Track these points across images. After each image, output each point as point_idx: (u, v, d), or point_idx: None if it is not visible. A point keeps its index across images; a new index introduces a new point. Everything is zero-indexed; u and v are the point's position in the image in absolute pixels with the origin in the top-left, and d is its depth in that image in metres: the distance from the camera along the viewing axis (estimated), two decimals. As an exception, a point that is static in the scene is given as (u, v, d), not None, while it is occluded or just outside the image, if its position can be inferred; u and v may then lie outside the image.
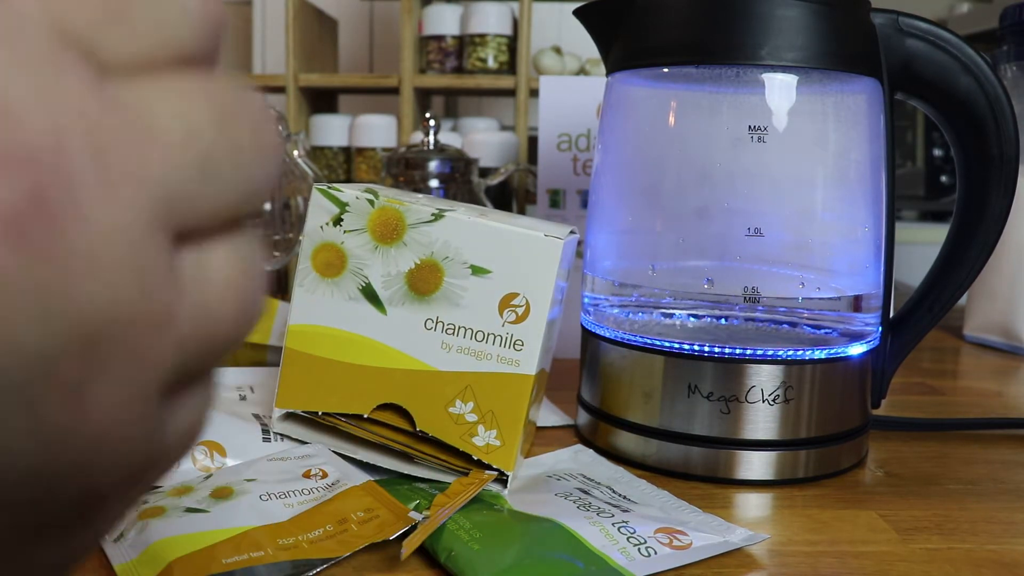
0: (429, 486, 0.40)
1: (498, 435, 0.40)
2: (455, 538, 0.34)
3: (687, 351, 0.43)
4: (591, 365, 0.48)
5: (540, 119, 0.68)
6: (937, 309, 0.48)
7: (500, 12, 1.40)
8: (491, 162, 1.14)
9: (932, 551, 0.37)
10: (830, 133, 0.44)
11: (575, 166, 0.68)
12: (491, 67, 1.41)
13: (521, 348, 0.40)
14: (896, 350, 0.49)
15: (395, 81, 1.43)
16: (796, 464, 0.43)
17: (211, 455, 0.39)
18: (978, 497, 0.43)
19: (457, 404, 0.40)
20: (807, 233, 0.45)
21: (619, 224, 0.48)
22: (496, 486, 0.40)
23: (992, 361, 0.73)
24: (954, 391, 0.63)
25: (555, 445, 0.47)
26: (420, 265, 0.40)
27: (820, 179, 0.45)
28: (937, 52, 0.44)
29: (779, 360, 0.42)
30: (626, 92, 0.48)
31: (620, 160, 0.48)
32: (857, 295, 0.46)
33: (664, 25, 0.44)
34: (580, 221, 0.67)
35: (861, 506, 0.41)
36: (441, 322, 0.40)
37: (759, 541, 0.36)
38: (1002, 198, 0.46)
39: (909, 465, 0.47)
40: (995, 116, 0.45)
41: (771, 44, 0.41)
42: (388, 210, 0.40)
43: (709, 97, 0.44)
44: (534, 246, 0.39)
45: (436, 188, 0.80)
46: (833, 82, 0.44)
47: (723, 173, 0.44)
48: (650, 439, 0.44)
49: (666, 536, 0.35)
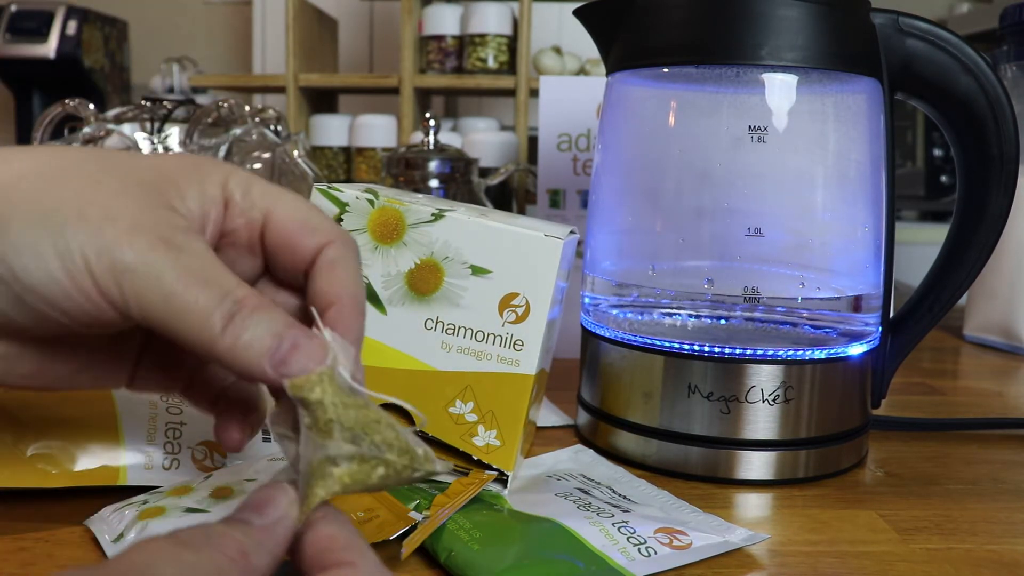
0: (429, 486, 0.40)
1: (498, 435, 0.40)
2: (455, 538, 0.34)
3: (687, 351, 0.43)
4: (591, 365, 0.48)
5: (540, 119, 0.68)
6: (937, 309, 0.48)
7: (500, 12, 1.40)
8: (491, 162, 1.14)
9: (932, 551, 0.37)
10: (830, 133, 0.44)
11: (575, 166, 0.68)
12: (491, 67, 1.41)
13: (521, 348, 0.40)
14: (896, 350, 0.49)
15: (395, 81, 1.43)
16: (796, 464, 0.43)
17: (211, 455, 0.39)
18: (978, 497, 0.43)
19: (457, 404, 0.40)
20: (807, 233, 0.45)
21: (619, 224, 0.49)
22: (496, 486, 0.40)
23: (992, 361, 0.73)
24: (954, 391, 0.63)
25: (555, 445, 0.47)
26: (420, 265, 0.40)
27: (820, 179, 0.45)
28: (937, 52, 0.44)
29: (779, 360, 0.42)
30: (626, 92, 0.48)
31: (620, 160, 0.48)
32: (857, 295, 0.46)
33: (664, 25, 0.44)
34: (580, 221, 0.67)
35: (861, 506, 0.41)
36: (441, 322, 0.40)
37: (759, 541, 0.36)
38: (1002, 198, 0.46)
39: (909, 465, 0.47)
40: (995, 116, 0.45)
41: (771, 44, 0.41)
42: (388, 210, 0.40)
43: (709, 97, 0.44)
44: (534, 246, 0.39)
45: (436, 188, 0.80)
46: (833, 82, 0.44)
47: (723, 173, 0.44)
48: (650, 439, 0.44)
49: (666, 536, 0.35)
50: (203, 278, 0.25)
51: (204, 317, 0.25)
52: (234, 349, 0.25)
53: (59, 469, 0.36)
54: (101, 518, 0.35)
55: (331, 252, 0.28)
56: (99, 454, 0.37)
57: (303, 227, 0.29)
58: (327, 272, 0.28)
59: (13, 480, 0.36)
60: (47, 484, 0.36)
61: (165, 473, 0.38)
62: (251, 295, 0.26)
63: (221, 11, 2.51)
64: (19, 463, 0.36)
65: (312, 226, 0.29)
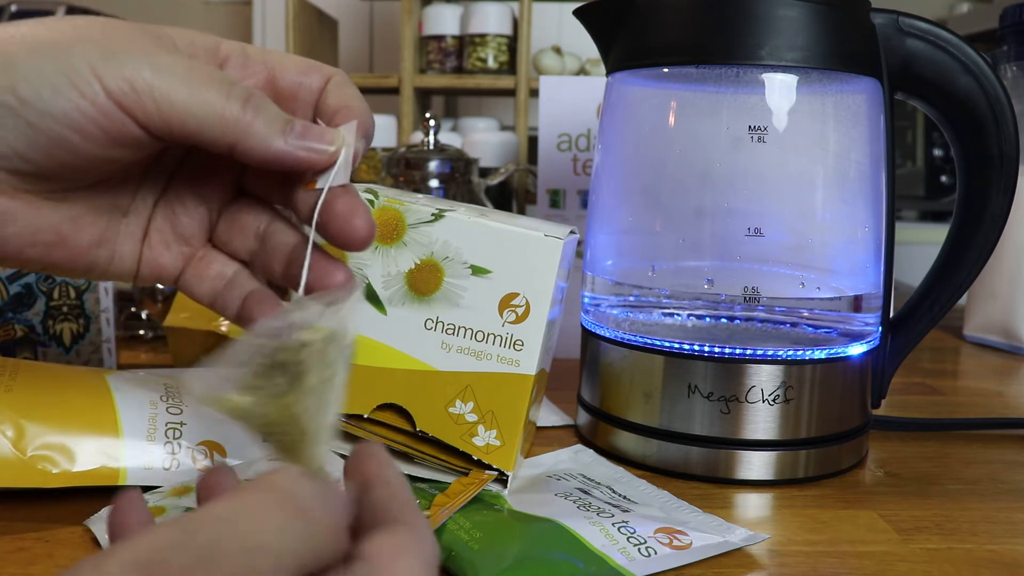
0: (429, 486, 0.40)
1: (498, 435, 0.40)
2: (455, 538, 0.34)
3: (687, 351, 0.43)
4: (591, 365, 0.48)
5: (540, 119, 0.68)
6: (937, 309, 0.48)
7: (500, 12, 1.40)
8: (491, 162, 1.14)
9: (932, 551, 0.37)
10: (830, 133, 0.44)
11: (575, 166, 0.68)
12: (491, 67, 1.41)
13: (521, 348, 0.40)
14: (896, 350, 0.49)
15: (395, 81, 1.43)
16: (796, 464, 0.43)
17: (211, 455, 0.39)
18: (978, 497, 0.43)
19: (457, 404, 0.40)
20: (807, 233, 0.45)
21: (619, 224, 0.49)
22: (496, 486, 0.40)
23: (992, 361, 0.73)
24: (954, 391, 0.63)
25: (555, 445, 0.47)
26: (420, 265, 0.40)
27: (820, 179, 0.45)
28: (937, 52, 0.44)
29: (779, 360, 0.42)
30: (626, 92, 0.48)
31: (620, 160, 0.48)
32: (857, 295, 0.46)
33: (664, 25, 0.44)
34: (580, 221, 0.67)
35: (861, 506, 0.41)
36: (441, 322, 0.40)
37: (759, 541, 0.36)
38: (1002, 198, 0.46)
39: (909, 465, 0.47)
40: (995, 116, 0.45)
41: (771, 44, 0.41)
42: (388, 210, 0.40)
43: (709, 97, 0.44)
44: (534, 246, 0.39)
45: (436, 188, 0.80)
46: (833, 82, 0.44)
47: (723, 173, 0.44)
48: (650, 439, 0.44)
49: (666, 536, 0.35)
50: (211, 73, 0.27)
51: (224, 98, 0.27)
52: (253, 125, 0.27)
53: (59, 469, 0.36)
54: (101, 518, 0.35)
55: (337, 79, 0.31)
56: (99, 454, 0.37)
57: (309, 67, 0.31)
58: (336, 91, 0.30)
59: (13, 480, 0.36)
60: (47, 484, 0.36)
61: (165, 473, 0.38)
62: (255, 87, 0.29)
63: (221, 11, 2.51)
64: (19, 463, 0.36)
65: (315, 66, 0.31)
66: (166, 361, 0.61)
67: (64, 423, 0.37)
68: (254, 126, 0.27)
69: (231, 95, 0.27)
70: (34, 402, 0.38)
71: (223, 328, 0.54)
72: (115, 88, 0.26)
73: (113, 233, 0.31)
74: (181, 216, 0.32)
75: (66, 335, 0.53)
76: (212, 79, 0.27)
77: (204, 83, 0.27)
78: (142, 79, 0.26)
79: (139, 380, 0.42)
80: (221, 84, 0.27)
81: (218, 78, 0.27)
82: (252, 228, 0.32)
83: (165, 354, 0.63)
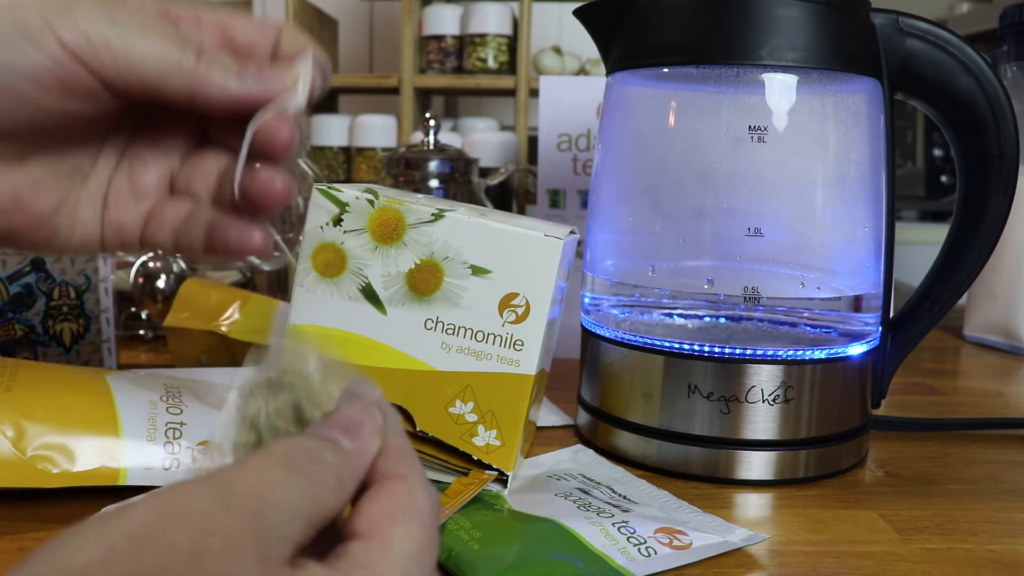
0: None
1: (498, 435, 0.40)
2: (455, 538, 0.34)
3: (687, 351, 0.43)
4: (591, 365, 0.48)
5: (540, 119, 0.68)
6: (937, 309, 0.48)
7: (500, 12, 1.40)
8: (491, 162, 1.14)
9: (932, 551, 0.37)
10: (830, 133, 0.44)
11: (575, 166, 0.68)
12: (491, 67, 1.41)
13: (521, 348, 0.40)
14: (896, 350, 0.49)
15: (395, 81, 1.43)
16: (796, 464, 0.43)
17: (211, 455, 0.39)
18: (978, 497, 0.43)
19: (457, 404, 0.40)
20: (807, 233, 0.45)
21: (619, 224, 0.49)
22: (496, 486, 0.40)
23: (992, 361, 0.73)
24: (954, 391, 0.63)
25: (555, 445, 0.47)
26: (420, 265, 0.40)
27: (820, 179, 0.45)
28: (937, 52, 0.44)
29: (779, 360, 0.42)
30: (626, 92, 0.48)
31: (620, 160, 0.48)
32: (857, 295, 0.46)
33: (664, 25, 0.44)
34: (580, 221, 0.67)
35: (861, 506, 0.41)
36: (441, 322, 0.40)
37: (759, 541, 0.36)
38: (1002, 198, 0.46)
39: (909, 465, 0.47)
40: (995, 116, 0.45)
41: (771, 44, 0.41)
42: (388, 210, 0.40)
43: (709, 97, 0.44)
44: (534, 246, 0.39)
45: (436, 188, 0.80)
46: (833, 82, 0.44)
47: (723, 173, 0.44)
48: (650, 439, 0.44)
49: (666, 536, 0.35)
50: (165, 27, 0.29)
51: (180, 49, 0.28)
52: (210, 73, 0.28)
53: (59, 469, 0.36)
54: (101, 518, 0.35)
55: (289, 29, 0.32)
56: (99, 454, 0.37)
57: (262, 23, 0.32)
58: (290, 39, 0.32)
59: (13, 480, 0.36)
60: (47, 484, 0.36)
61: (165, 473, 0.38)
62: (212, 46, 0.30)
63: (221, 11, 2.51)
64: (19, 463, 0.36)
65: (267, 21, 0.32)
66: (166, 361, 0.61)
67: (64, 423, 0.37)
68: (211, 73, 0.28)
69: (186, 47, 0.28)
70: (34, 402, 0.38)
71: (223, 328, 0.54)
72: (69, 40, 0.26)
73: (75, 198, 0.31)
74: (141, 174, 0.32)
75: (66, 335, 0.53)
76: (166, 32, 0.28)
77: (159, 35, 0.28)
78: (97, 32, 0.27)
79: (139, 380, 0.42)
80: (176, 37, 0.28)
81: (172, 32, 0.29)
82: (214, 170, 0.32)
83: (165, 354, 0.63)
